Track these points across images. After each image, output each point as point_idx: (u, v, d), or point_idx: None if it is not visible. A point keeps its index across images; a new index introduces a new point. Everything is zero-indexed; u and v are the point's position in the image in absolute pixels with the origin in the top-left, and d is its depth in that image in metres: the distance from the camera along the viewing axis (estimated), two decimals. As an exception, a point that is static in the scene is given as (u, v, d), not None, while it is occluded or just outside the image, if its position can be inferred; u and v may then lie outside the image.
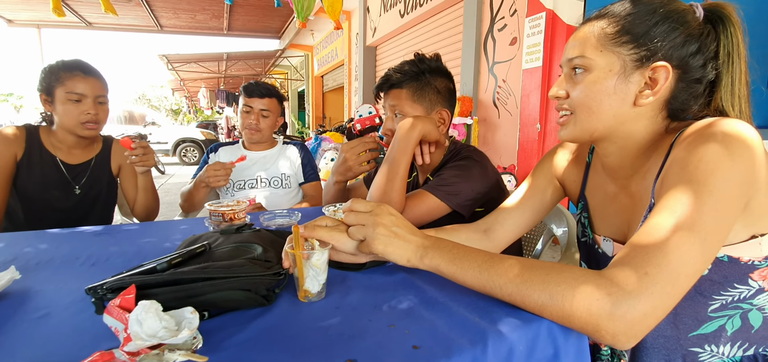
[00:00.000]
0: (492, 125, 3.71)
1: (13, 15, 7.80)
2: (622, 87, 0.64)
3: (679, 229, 0.51)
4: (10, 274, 0.68)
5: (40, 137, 1.42)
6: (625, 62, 0.63)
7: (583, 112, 0.67)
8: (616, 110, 0.65)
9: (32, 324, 0.57)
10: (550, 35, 2.98)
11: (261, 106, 1.74)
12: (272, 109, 1.77)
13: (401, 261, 0.65)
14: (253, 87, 1.75)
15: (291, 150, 1.87)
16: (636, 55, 0.63)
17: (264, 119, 1.76)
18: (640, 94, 0.64)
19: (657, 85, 0.63)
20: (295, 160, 1.85)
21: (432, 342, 0.51)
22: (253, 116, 1.74)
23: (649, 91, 0.63)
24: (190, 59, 11.13)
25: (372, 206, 0.68)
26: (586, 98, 0.66)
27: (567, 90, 0.69)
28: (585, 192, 0.82)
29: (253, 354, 0.48)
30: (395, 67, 1.12)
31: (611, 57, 0.64)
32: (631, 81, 0.64)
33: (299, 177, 1.84)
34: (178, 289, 0.54)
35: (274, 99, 1.78)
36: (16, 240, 0.96)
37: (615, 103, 0.65)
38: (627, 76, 0.64)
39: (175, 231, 1.08)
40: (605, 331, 0.50)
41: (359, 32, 6.85)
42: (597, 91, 0.65)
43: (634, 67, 0.63)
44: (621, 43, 0.63)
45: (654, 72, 0.62)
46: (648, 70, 0.63)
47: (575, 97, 0.68)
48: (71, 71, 1.35)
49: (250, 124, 1.75)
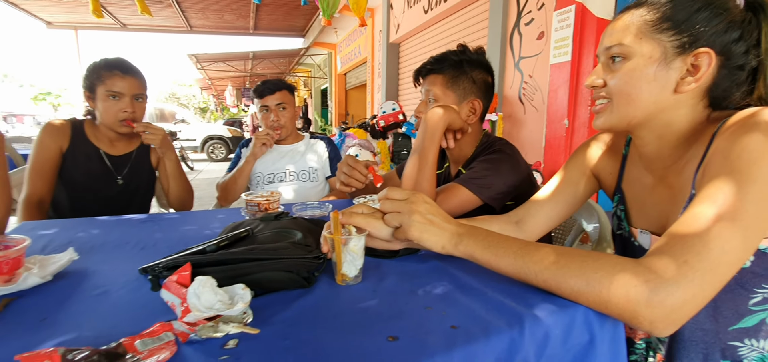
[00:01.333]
0: (517, 121, 3.66)
1: (52, 17, 8.19)
2: (662, 74, 0.64)
3: (721, 219, 0.51)
4: (69, 255, 0.73)
5: (84, 130, 1.50)
6: (666, 49, 0.63)
7: (622, 100, 0.67)
8: (656, 97, 0.65)
9: (93, 300, 0.61)
10: (579, 29, 2.92)
11: (276, 101, 1.79)
12: (287, 101, 1.82)
13: (436, 247, 0.66)
14: (262, 87, 1.80)
15: (319, 144, 1.92)
16: (677, 42, 0.62)
17: (283, 112, 1.81)
18: (681, 81, 0.63)
19: (699, 72, 0.62)
20: (323, 153, 1.90)
21: (470, 323, 0.53)
22: (272, 113, 1.80)
23: (691, 78, 0.63)
24: (217, 58, 11.42)
25: (408, 194, 0.69)
26: (625, 86, 0.66)
27: (604, 78, 0.69)
28: (622, 185, 0.82)
29: (298, 330, 0.51)
30: (439, 54, 1.16)
31: (652, 44, 0.64)
32: (672, 68, 0.63)
33: (326, 170, 1.88)
34: (227, 268, 0.58)
35: (285, 90, 1.82)
36: (69, 226, 1.03)
37: (655, 90, 0.64)
38: (668, 62, 0.63)
39: (213, 220, 1.13)
40: (643, 318, 0.50)
41: (383, 29, 6.86)
42: (636, 78, 0.65)
43: (675, 53, 0.63)
44: (662, 30, 0.63)
45: (696, 58, 0.62)
46: (690, 57, 0.62)
47: (613, 85, 0.68)
48: (111, 70, 1.42)
49: (272, 123, 1.80)
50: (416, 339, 0.49)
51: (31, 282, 0.63)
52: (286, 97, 1.82)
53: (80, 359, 0.42)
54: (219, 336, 0.48)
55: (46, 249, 0.84)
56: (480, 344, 0.48)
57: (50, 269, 0.67)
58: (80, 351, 0.42)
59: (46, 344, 0.48)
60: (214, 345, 0.47)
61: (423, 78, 1.18)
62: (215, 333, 0.48)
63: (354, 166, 1.16)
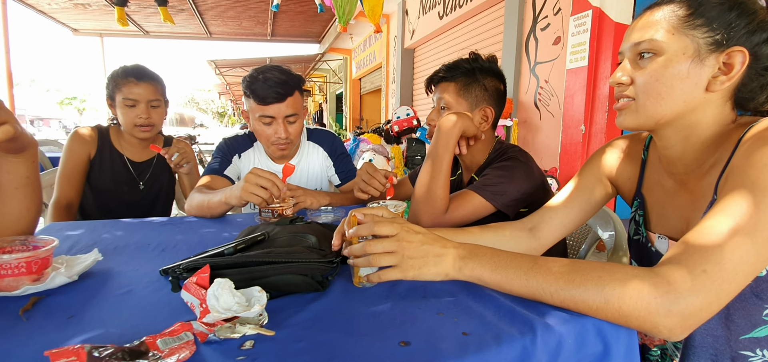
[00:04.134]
0: (533, 127, 3.63)
1: (78, 25, 8.50)
2: (696, 71, 0.62)
3: (738, 230, 0.51)
4: (94, 256, 0.76)
5: (110, 137, 1.56)
6: (700, 46, 0.62)
7: (650, 98, 0.65)
8: (688, 95, 0.63)
9: (118, 299, 0.64)
10: (596, 33, 2.89)
11: (286, 112, 1.29)
12: (298, 108, 1.33)
13: (438, 277, 0.63)
14: (266, 90, 1.25)
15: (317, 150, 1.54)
16: (711, 39, 0.61)
17: (292, 125, 1.33)
18: (713, 80, 0.62)
19: (732, 70, 0.61)
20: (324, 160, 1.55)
21: (482, 330, 0.53)
22: (280, 127, 1.30)
23: (724, 77, 0.62)
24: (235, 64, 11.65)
25: (396, 229, 0.64)
26: (656, 83, 0.64)
27: (631, 76, 0.67)
28: (642, 190, 0.81)
29: (313, 332, 0.52)
30: (450, 62, 1.16)
31: (684, 40, 0.62)
32: (706, 65, 0.62)
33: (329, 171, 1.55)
34: (244, 271, 0.60)
35: (296, 92, 1.31)
36: (94, 228, 1.07)
37: (687, 88, 0.63)
38: (702, 59, 0.62)
39: (231, 223, 1.16)
40: (663, 327, 0.51)
41: (398, 35, 6.90)
42: (668, 75, 0.63)
43: (708, 51, 0.61)
44: (694, 27, 0.62)
45: (729, 57, 0.61)
46: (723, 55, 0.61)
47: (642, 82, 0.66)
48: (126, 78, 1.46)
49: (278, 140, 1.32)
50: (428, 345, 0.49)
51: (59, 282, 0.66)
52: (297, 102, 1.32)
53: (105, 356, 0.43)
54: (236, 336, 0.49)
55: (72, 249, 0.88)
56: (492, 351, 0.49)
57: (76, 269, 0.70)
58: (105, 348, 0.44)
59: (73, 340, 0.50)
60: (232, 346, 0.48)
61: (435, 86, 1.18)
62: (233, 333, 0.49)
63: (374, 175, 1.17)
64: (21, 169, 0.77)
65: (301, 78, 1.35)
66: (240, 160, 1.45)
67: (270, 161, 1.46)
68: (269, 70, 1.27)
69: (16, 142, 0.71)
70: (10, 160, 0.75)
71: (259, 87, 1.25)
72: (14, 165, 0.76)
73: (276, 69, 1.28)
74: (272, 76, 1.25)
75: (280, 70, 1.28)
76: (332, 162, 1.54)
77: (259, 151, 1.47)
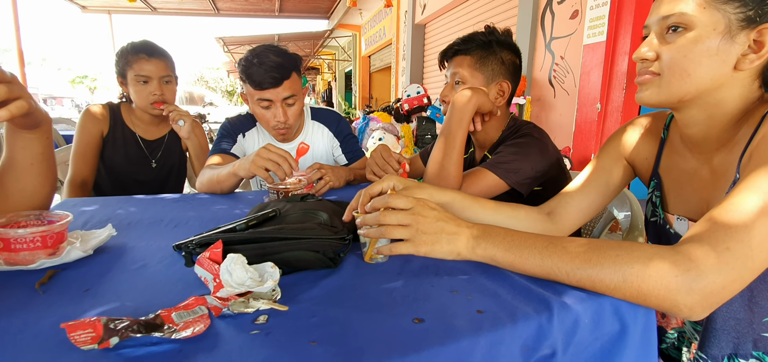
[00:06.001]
0: (547, 105, 3.56)
1: (86, 2, 8.48)
2: (726, 47, 0.59)
3: (764, 210, 0.49)
4: (108, 231, 0.77)
5: (122, 115, 1.56)
6: (731, 21, 0.59)
7: (676, 74, 0.63)
8: (716, 72, 0.61)
9: (132, 273, 0.64)
10: (616, 7, 2.78)
11: (284, 95, 1.26)
12: (296, 89, 1.30)
13: (450, 256, 0.63)
14: (262, 74, 1.22)
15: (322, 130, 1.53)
16: (743, 15, 0.58)
17: (291, 108, 1.31)
18: (743, 58, 0.59)
19: (763, 48, 0.58)
20: (330, 140, 1.54)
21: (496, 307, 0.52)
22: (279, 110, 1.28)
23: (754, 55, 0.59)
24: (244, 41, 11.56)
25: (412, 202, 0.65)
26: (684, 59, 0.61)
27: (657, 51, 0.64)
28: (658, 170, 0.78)
29: (326, 307, 0.52)
30: (465, 35, 1.12)
31: (716, 14, 0.59)
32: (736, 42, 0.59)
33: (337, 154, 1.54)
34: (257, 247, 0.59)
35: (293, 74, 1.27)
36: (108, 203, 1.08)
37: (715, 65, 0.60)
38: (732, 35, 0.59)
39: (242, 200, 1.16)
40: (683, 305, 0.49)
41: (408, 10, 6.75)
42: (698, 51, 0.60)
43: (739, 27, 0.59)
44: (727, 1, 0.59)
45: (760, 34, 0.58)
46: (753, 32, 0.58)
47: (669, 57, 0.63)
48: (137, 54, 1.45)
49: (277, 124, 1.31)
50: (442, 322, 0.49)
51: (74, 256, 0.66)
52: (295, 84, 1.28)
53: (121, 328, 0.44)
54: (250, 311, 0.49)
55: (86, 225, 0.89)
56: (507, 329, 0.48)
57: (91, 243, 0.70)
58: (121, 321, 0.45)
59: (90, 313, 0.51)
60: (246, 320, 0.48)
61: (448, 60, 1.15)
62: (246, 308, 0.49)
63: (387, 160, 1.16)
64: (36, 145, 0.77)
65: (298, 57, 1.32)
66: (244, 139, 1.44)
67: (274, 139, 1.45)
68: (264, 53, 1.24)
69: (31, 118, 0.71)
70: (25, 136, 0.76)
71: (255, 71, 1.23)
72: (29, 141, 0.76)
73: (271, 50, 1.25)
74: (267, 59, 1.22)
75: (275, 52, 1.25)
76: (339, 142, 1.52)
77: (262, 130, 1.47)
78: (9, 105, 0.63)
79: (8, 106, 0.62)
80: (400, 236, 0.63)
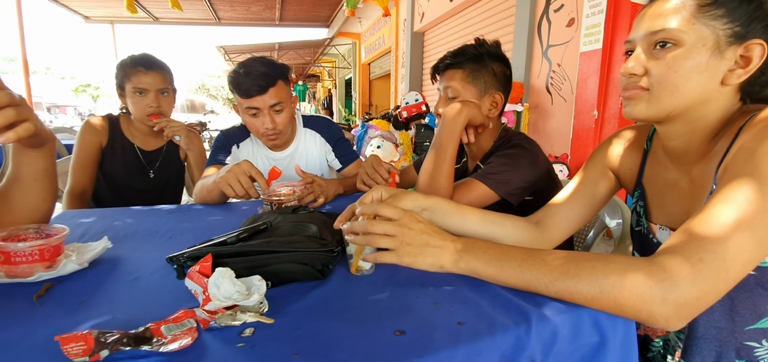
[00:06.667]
0: (544, 112, 3.58)
1: (89, 12, 8.58)
2: (714, 63, 0.61)
3: (739, 220, 0.50)
4: (104, 243, 0.79)
5: (121, 127, 1.59)
6: (719, 37, 0.60)
7: (666, 90, 0.63)
8: (704, 88, 0.62)
9: (125, 285, 0.66)
10: (612, 15, 2.81)
11: (271, 102, 1.29)
12: (284, 97, 1.32)
13: (433, 268, 0.64)
14: (249, 83, 1.25)
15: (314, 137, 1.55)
16: (730, 31, 0.59)
17: (279, 115, 1.33)
18: (730, 73, 0.61)
19: (750, 64, 0.60)
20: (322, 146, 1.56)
21: (476, 320, 0.54)
22: (266, 118, 1.31)
23: (741, 71, 0.60)
24: (244, 50, 11.65)
25: (398, 213, 0.67)
26: (674, 75, 0.62)
27: (646, 66, 0.65)
28: (642, 181, 0.80)
29: (312, 320, 0.54)
30: (455, 49, 1.14)
31: (705, 30, 0.60)
32: (724, 57, 0.60)
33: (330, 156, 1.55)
34: (246, 260, 0.61)
35: (279, 82, 1.30)
36: (105, 215, 1.10)
37: (704, 81, 0.61)
38: (721, 51, 0.60)
39: (237, 211, 1.18)
40: (659, 316, 0.50)
41: (407, 18, 6.81)
42: (688, 67, 0.61)
43: (727, 43, 0.60)
44: (715, 17, 0.60)
45: (747, 50, 0.60)
46: (740, 48, 0.60)
47: (658, 73, 0.63)
48: (135, 67, 1.48)
49: (266, 131, 1.33)
50: (423, 334, 0.50)
51: (70, 268, 0.68)
52: (281, 92, 1.30)
53: (111, 341, 0.45)
54: (237, 324, 0.51)
55: (83, 237, 0.90)
56: (485, 341, 0.49)
57: (87, 256, 0.72)
58: (111, 334, 0.46)
59: (83, 326, 0.53)
60: (232, 333, 0.50)
61: (440, 74, 1.16)
62: (233, 321, 0.51)
63: (377, 169, 1.18)
64: (40, 162, 0.80)
65: (286, 67, 1.36)
66: (239, 150, 1.47)
67: (268, 150, 1.48)
68: (251, 64, 1.28)
69: (37, 138, 0.75)
70: (30, 154, 0.79)
71: (242, 80, 1.26)
72: (34, 158, 0.79)
73: (258, 61, 1.29)
74: (254, 68, 1.27)
75: (261, 62, 1.29)
76: (331, 147, 1.54)
77: (256, 141, 1.49)
78: (17, 127, 0.65)
79: (16, 128, 0.65)
80: (385, 245, 0.64)
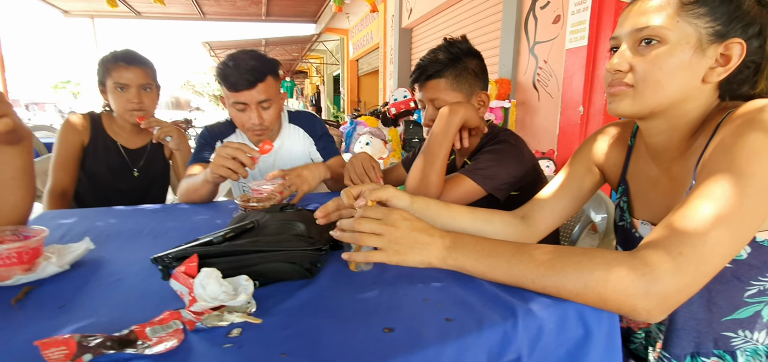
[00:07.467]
0: (531, 108, 3.62)
1: (68, 6, 8.32)
2: (697, 61, 0.62)
3: (717, 214, 0.52)
4: (86, 245, 0.77)
5: (103, 124, 1.55)
6: (702, 35, 0.61)
7: (650, 87, 0.64)
8: (686, 85, 0.63)
9: (108, 287, 0.65)
10: (596, 12, 2.85)
11: (259, 98, 1.25)
12: (272, 93, 1.28)
13: (422, 265, 0.64)
14: (237, 77, 1.22)
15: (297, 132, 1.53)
16: (712, 29, 0.61)
17: (266, 111, 1.29)
18: (711, 70, 0.62)
19: (730, 62, 0.61)
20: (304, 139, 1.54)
21: (464, 315, 0.54)
22: (253, 113, 1.27)
23: (721, 69, 0.62)
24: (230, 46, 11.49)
25: (383, 213, 0.66)
26: (659, 71, 0.63)
27: (631, 63, 0.65)
28: (626, 177, 0.81)
29: (300, 319, 0.53)
30: (428, 56, 1.12)
31: (688, 28, 0.61)
32: (706, 55, 0.62)
33: (313, 154, 1.54)
34: (233, 260, 0.60)
35: (269, 77, 1.27)
36: (87, 216, 1.07)
37: (687, 78, 0.63)
38: (703, 49, 0.61)
39: (223, 210, 1.16)
40: (641, 308, 0.52)
41: (395, 14, 6.79)
42: (672, 64, 0.62)
43: (709, 41, 0.61)
44: (698, 15, 0.61)
45: (727, 48, 0.61)
46: (721, 47, 0.61)
47: (643, 70, 0.64)
48: (116, 62, 1.44)
49: (252, 126, 1.29)
50: (411, 331, 0.50)
51: (50, 271, 0.66)
52: (270, 88, 1.27)
53: (94, 345, 0.44)
54: (224, 324, 0.50)
55: (64, 238, 0.88)
56: (473, 337, 0.50)
57: (68, 258, 0.70)
58: (94, 338, 0.45)
59: (64, 330, 0.51)
60: (219, 334, 0.49)
61: (421, 86, 1.14)
62: (220, 321, 0.50)
63: (367, 171, 1.17)
64: (17, 160, 0.78)
65: (276, 62, 1.32)
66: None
67: (253, 146, 1.42)
68: (241, 56, 1.24)
69: (14, 134, 0.72)
70: (7, 151, 0.76)
71: (230, 73, 1.22)
72: (11, 156, 0.77)
73: (248, 54, 1.25)
74: (243, 61, 1.22)
75: (251, 56, 1.25)
76: (313, 141, 1.53)
77: (241, 136, 1.45)
78: None
79: None
80: (373, 244, 0.64)
